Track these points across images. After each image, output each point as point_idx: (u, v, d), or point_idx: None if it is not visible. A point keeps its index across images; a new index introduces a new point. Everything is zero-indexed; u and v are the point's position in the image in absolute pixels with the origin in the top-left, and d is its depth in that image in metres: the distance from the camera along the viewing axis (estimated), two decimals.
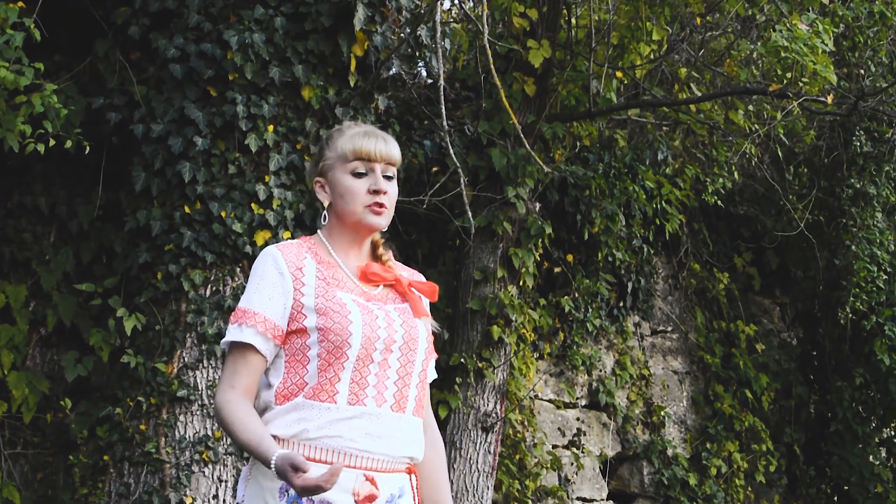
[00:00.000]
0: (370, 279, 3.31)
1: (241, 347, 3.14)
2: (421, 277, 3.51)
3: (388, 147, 3.33)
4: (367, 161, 3.28)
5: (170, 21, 6.99)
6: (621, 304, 9.63)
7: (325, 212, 3.35)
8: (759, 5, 8.41)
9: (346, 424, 3.08)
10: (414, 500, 3.27)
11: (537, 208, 8.42)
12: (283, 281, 3.17)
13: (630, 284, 9.62)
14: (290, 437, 3.07)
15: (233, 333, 3.15)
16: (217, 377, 6.80)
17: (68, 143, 6.55)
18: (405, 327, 3.25)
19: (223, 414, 3.07)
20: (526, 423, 8.81)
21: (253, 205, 6.94)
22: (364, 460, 3.10)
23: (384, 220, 3.30)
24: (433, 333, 3.41)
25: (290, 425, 3.08)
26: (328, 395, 3.08)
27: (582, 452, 9.18)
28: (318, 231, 3.38)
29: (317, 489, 2.83)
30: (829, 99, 8.19)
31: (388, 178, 3.32)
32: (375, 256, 3.43)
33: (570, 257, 9.11)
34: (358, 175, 3.28)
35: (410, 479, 3.27)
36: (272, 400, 3.14)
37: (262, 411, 3.15)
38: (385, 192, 3.28)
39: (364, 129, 3.35)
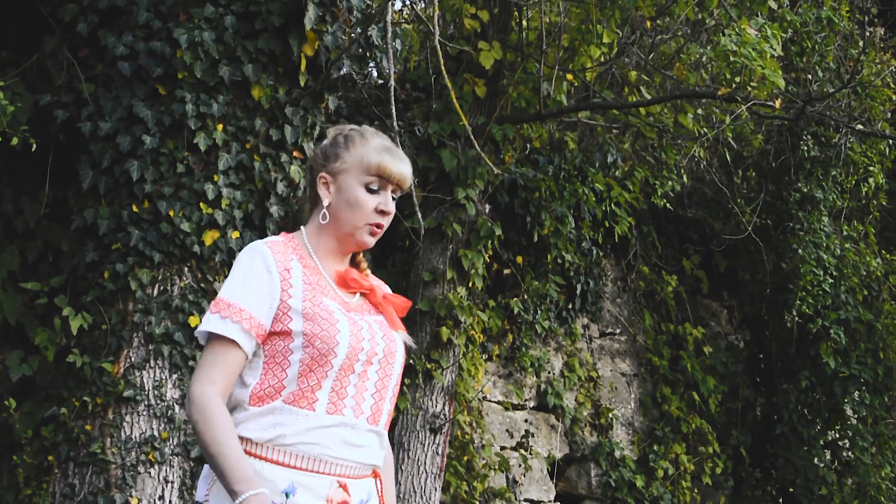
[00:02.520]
0: (349, 285, 3.28)
1: (223, 341, 3.08)
2: (388, 289, 3.49)
3: (406, 170, 3.29)
4: (384, 180, 3.25)
5: (119, 18, 6.93)
6: (570, 306, 9.66)
7: (325, 210, 3.27)
8: (709, 9, 8.46)
9: (323, 432, 3.08)
10: (379, 503, 3.30)
11: (487, 210, 8.43)
12: (271, 280, 3.13)
13: (579, 286, 9.65)
14: (265, 442, 3.06)
15: (215, 325, 3.09)
16: (164, 377, 6.75)
17: (14, 141, 6.49)
18: (385, 340, 3.25)
19: (202, 412, 3.00)
20: (474, 424, 8.82)
21: (201, 204, 6.90)
22: (338, 468, 3.11)
23: (374, 241, 3.29)
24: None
25: (266, 429, 3.06)
26: (308, 402, 3.08)
27: (530, 454, 9.20)
28: (302, 228, 3.34)
29: None
30: (777, 103, 8.25)
31: (393, 199, 3.30)
32: (354, 262, 3.40)
33: (519, 259, 9.13)
34: (371, 190, 3.24)
35: (376, 483, 3.30)
36: (245, 400, 3.11)
37: (232, 408, 3.12)
38: (390, 214, 3.27)
39: (386, 145, 3.30)
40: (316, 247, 3.28)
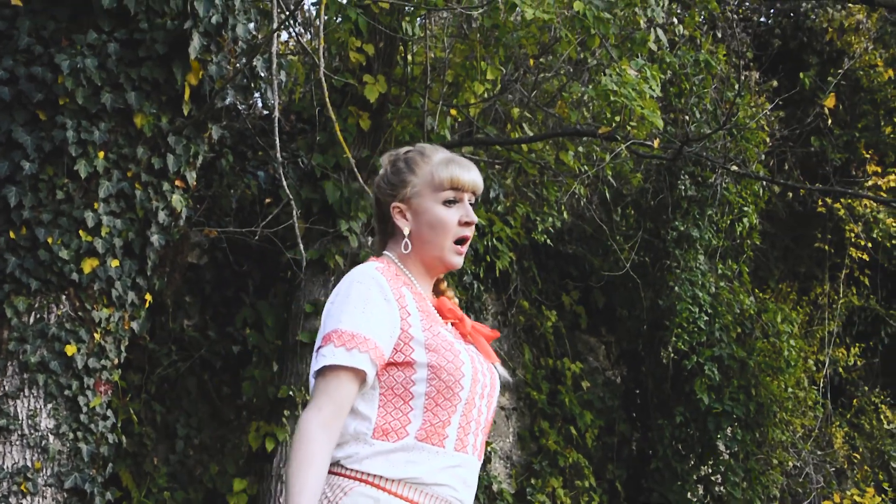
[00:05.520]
0: (444, 315, 3.16)
1: (342, 372, 2.91)
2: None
3: (477, 175, 3.18)
4: (460, 190, 3.13)
5: None
6: None
7: (406, 239, 3.13)
8: (591, 49, 8.60)
9: (451, 472, 2.97)
10: None
11: (369, 242, 8.45)
12: (390, 309, 2.97)
13: None
14: (399, 479, 2.92)
15: (343, 358, 2.90)
16: (39, 406, 6.64)
17: None
18: (490, 372, 3.14)
19: (296, 437, 2.85)
20: None
21: (81, 231, 6.81)
22: None
23: (461, 261, 3.16)
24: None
25: (399, 466, 2.92)
26: (438, 439, 2.95)
27: None
28: (390, 255, 3.19)
29: None
30: (656, 143, 8.40)
31: (472, 206, 3.18)
32: (437, 291, 3.27)
33: None
34: (449, 204, 3.12)
35: None
36: (367, 433, 2.95)
37: (346, 440, 2.96)
38: (473, 223, 3.15)
39: (449, 156, 3.19)
40: (413, 274, 3.16)
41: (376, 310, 2.95)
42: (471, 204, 3.17)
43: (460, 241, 3.14)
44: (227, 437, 8.47)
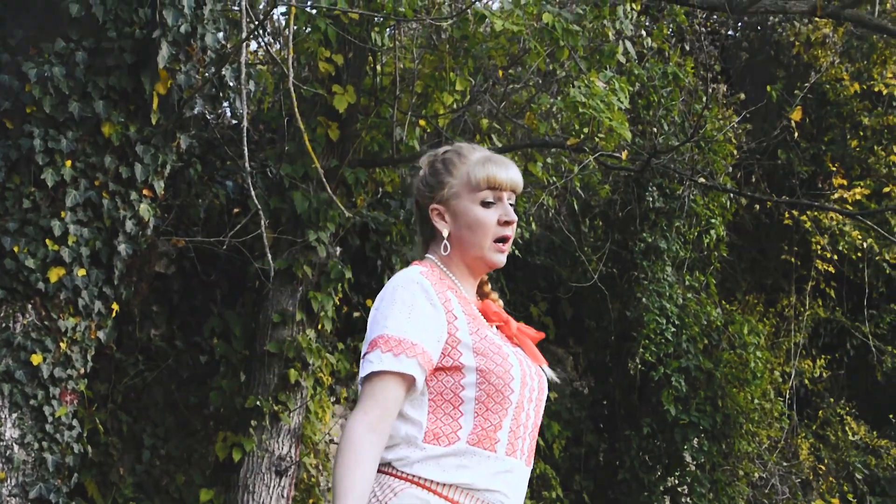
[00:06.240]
0: (490, 317, 3.10)
1: (391, 377, 2.85)
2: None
3: (516, 173, 3.11)
4: (498, 190, 3.07)
5: None
6: None
7: (445, 241, 3.08)
8: (560, 61, 8.63)
9: (503, 478, 2.92)
10: None
11: (338, 253, 8.44)
12: (437, 313, 2.92)
13: None
14: (450, 483, 2.87)
15: (391, 364, 2.84)
16: (3, 416, 6.61)
17: None
18: (538, 375, 3.08)
19: (343, 440, 2.79)
20: (321, 467, 8.78)
21: (47, 241, 6.79)
22: None
23: (504, 259, 3.11)
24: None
25: (450, 471, 2.87)
26: (490, 443, 2.90)
27: None
28: (433, 258, 3.13)
29: None
30: (624, 155, 8.44)
31: (511, 205, 3.10)
32: (482, 293, 3.21)
33: (369, 302, 9.15)
34: (487, 204, 3.06)
35: None
36: (418, 437, 2.90)
37: (397, 443, 2.91)
38: (513, 222, 3.08)
39: (487, 155, 3.12)
40: (456, 276, 3.10)
41: (422, 314, 2.90)
42: (510, 203, 3.10)
43: (501, 240, 3.08)
44: (193, 448, 8.44)
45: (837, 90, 12.96)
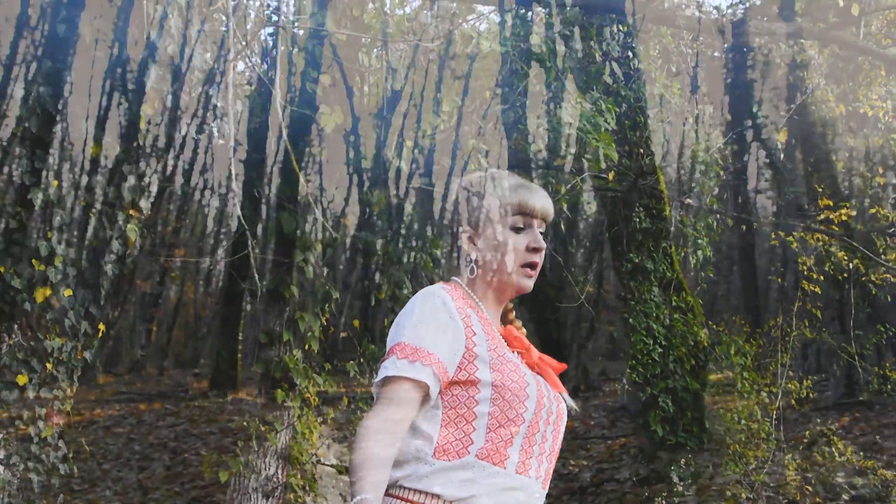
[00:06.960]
0: (511, 343, 3.11)
1: (405, 383, 2.87)
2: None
3: (548, 202, 3.12)
4: (529, 216, 3.10)
5: None
6: None
7: (472, 265, 3.11)
8: (547, 82, 8.64)
9: (511, 495, 2.90)
10: None
11: (325, 273, 8.44)
12: (455, 327, 2.94)
13: None
14: (457, 499, 2.86)
15: (405, 370, 2.87)
16: None
17: None
18: (557, 400, 3.07)
19: (358, 438, 2.81)
20: (307, 487, 8.76)
21: (34, 261, 6.77)
22: None
23: (532, 284, 3.11)
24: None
25: (458, 486, 2.87)
26: (500, 459, 2.90)
27: None
28: (458, 280, 3.16)
29: None
30: (611, 175, 8.45)
31: (542, 234, 3.14)
32: (506, 320, 3.23)
33: (356, 323, 9.14)
34: (517, 230, 3.09)
35: None
36: (428, 452, 2.91)
37: (407, 460, 2.92)
38: (542, 250, 3.10)
39: (520, 182, 3.15)
40: (480, 299, 3.12)
41: (441, 327, 2.92)
42: (540, 231, 3.12)
43: (529, 266, 3.10)
44: (180, 469, 8.41)
45: (823, 111, 13.02)
